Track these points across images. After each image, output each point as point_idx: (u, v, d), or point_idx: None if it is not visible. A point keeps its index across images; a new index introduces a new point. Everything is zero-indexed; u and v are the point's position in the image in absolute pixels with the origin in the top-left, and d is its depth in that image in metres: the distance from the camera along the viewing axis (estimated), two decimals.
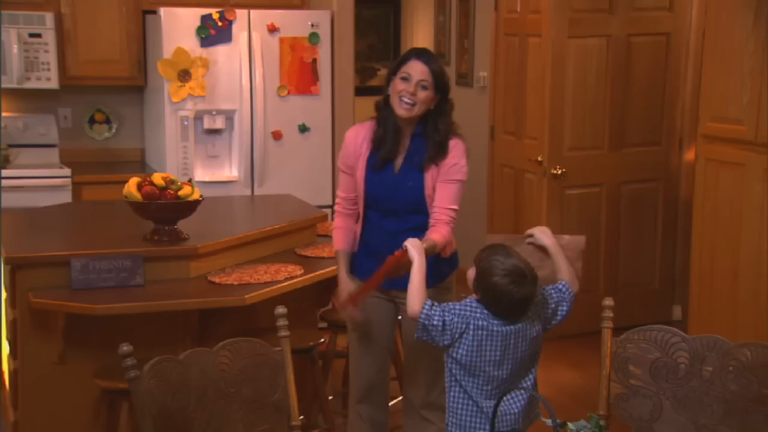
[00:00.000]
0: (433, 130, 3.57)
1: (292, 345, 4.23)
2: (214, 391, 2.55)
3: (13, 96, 6.39)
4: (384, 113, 3.62)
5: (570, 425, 2.28)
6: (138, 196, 4.20)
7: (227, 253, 4.37)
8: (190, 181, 4.41)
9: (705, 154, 5.30)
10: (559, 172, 6.17)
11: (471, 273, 3.00)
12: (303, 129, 6.21)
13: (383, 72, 8.35)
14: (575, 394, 5.51)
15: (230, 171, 6.15)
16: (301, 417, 4.80)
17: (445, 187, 3.59)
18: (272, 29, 6.08)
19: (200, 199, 4.32)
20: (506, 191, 7.13)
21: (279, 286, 4.14)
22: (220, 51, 5.99)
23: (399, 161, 3.64)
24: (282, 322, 2.73)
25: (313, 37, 6.17)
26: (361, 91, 8.37)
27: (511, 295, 2.85)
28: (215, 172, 6.11)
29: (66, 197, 5.94)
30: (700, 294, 5.36)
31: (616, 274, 6.53)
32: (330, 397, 4.77)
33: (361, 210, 3.73)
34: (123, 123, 6.73)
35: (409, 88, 3.48)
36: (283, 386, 2.67)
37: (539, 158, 6.32)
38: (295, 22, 6.16)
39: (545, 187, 6.24)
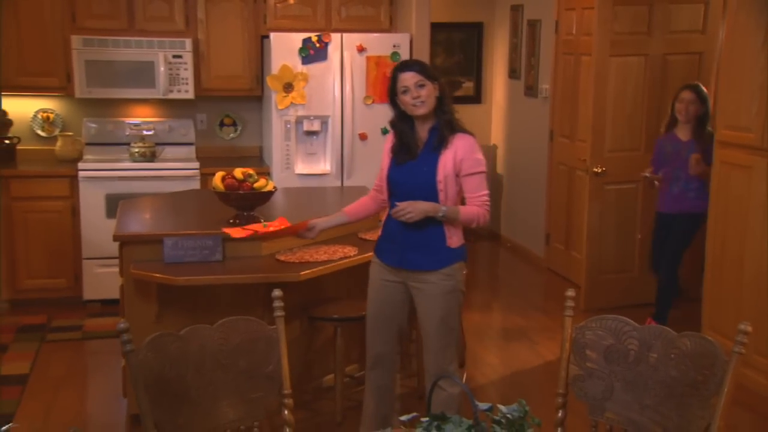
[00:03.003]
0: (440, 112, 3.36)
1: (350, 313, 4.11)
2: (212, 362, 2.38)
3: (160, 105, 6.43)
4: (398, 127, 3.43)
5: (501, 408, 2.02)
6: (221, 187, 4.10)
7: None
8: (267, 175, 4.27)
9: (720, 157, 4.88)
10: (600, 170, 5.78)
11: None
12: (385, 131, 5.99)
13: (468, 84, 8.11)
14: None
15: (324, 165, 6.01)
16: (361, 372, 4.68)
17: (468, 180, 3.35)
18: (361, 49, 5.90)
19: (273, 190, 4.18)
20: (561, 185, 6.79)
21: (332, 264, 3.97)
22: (317, 67, 5.85)
23: (418, 152, 3.40)
24: (278, 303, 2.52)
25: (395, 56, 5.95)
26: None
27: None
28: (312, 166, 5.99)
29: (196, 185, 5.93)
30: (712, 276, 4.99)
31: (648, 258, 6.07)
32: None
33: (386, 199, 3.50)
34: (246, 126, 6.67)
35: (413, 94, 3.30)
36: (276, 359, 2.46)
37: (585, 158, 5.95)
38: (380, 44, 5.96)
39: (587, 182, 5.86)
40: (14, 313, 5.81)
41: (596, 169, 5.79)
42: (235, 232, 3.87)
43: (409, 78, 3.31)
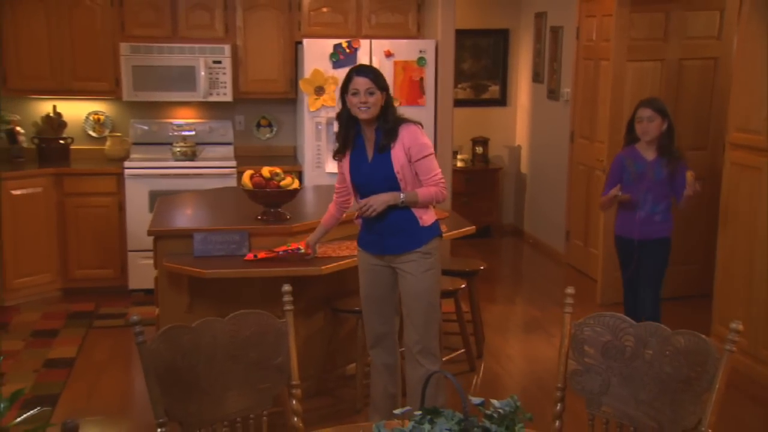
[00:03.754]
0: (383, 121, 3.40)
1: None
2: (223, 354, 2.33)
3: (200, 107, 6.44)
4: (344, 119, 3.47)
5: (494, 402, 1.96)
6: (250, 185, 4.08)
7: None
8: (299, 174, 4.23)
9: (730, 159, 4.75)
10: None
11: None
12: None
13: (494, 88, 8.00)
14: None
15: None
16: None
17: (420, 164, 3.39)
18: (388, 54, 5.84)
19: (299, 188, 4.15)
20: (581, 185, 6.66)
21: (353, 259, 3.90)
22: (347, 72, 5.77)
23: (370, 153, 3.44)
24: (287, 298, 2.48)
25: (421, 61, 5.88)
26: (475, 102, 8.01)
27: None
28: None
29: (233, 183, 5.92)
30: (722, 273, 4.85)
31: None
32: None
33: (350, 200, 3.64)
34: (281, 127, 6.65)
35: (361, 99, 3.35)
36: (285, 352, 2.42)
37: (602, 158, 5.83)
38: (407, 49, 5.89)
39: (603, 182, 5.72)
40: (65, 300, 5.87)
41: None
42: (250, 255, 3.89)
43: (362, 83, 3.36)
